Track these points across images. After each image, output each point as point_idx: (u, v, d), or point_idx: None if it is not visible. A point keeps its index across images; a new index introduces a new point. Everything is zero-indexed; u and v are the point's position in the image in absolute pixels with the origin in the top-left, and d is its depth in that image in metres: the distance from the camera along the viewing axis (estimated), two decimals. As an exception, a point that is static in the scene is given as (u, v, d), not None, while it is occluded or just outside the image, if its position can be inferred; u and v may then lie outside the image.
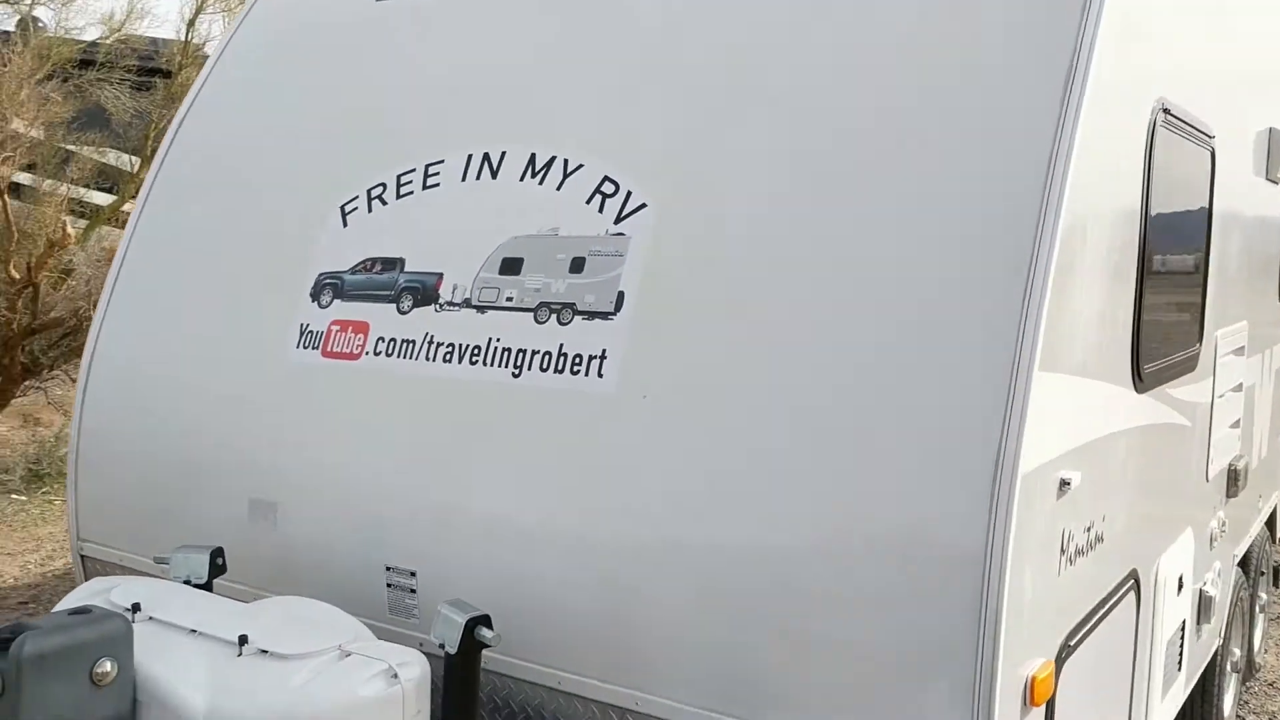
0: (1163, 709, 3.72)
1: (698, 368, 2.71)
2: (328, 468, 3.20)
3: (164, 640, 2.49)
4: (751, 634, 2.56)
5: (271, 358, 3.38)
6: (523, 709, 2.92)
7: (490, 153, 3.20)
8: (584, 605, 2.79)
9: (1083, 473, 2.63)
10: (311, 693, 2.32)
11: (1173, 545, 3.71)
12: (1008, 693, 2.34)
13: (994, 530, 2.28)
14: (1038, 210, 2.41)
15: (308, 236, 3.45)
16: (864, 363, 2.53)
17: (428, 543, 3.02)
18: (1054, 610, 2.59)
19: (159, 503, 3.56)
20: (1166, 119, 3.10)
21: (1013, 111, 2.55)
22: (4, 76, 8.99)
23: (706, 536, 2.62)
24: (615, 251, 2.89)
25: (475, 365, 3.01)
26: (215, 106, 3.94)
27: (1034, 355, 2.32)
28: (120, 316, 3.82)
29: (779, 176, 2.79)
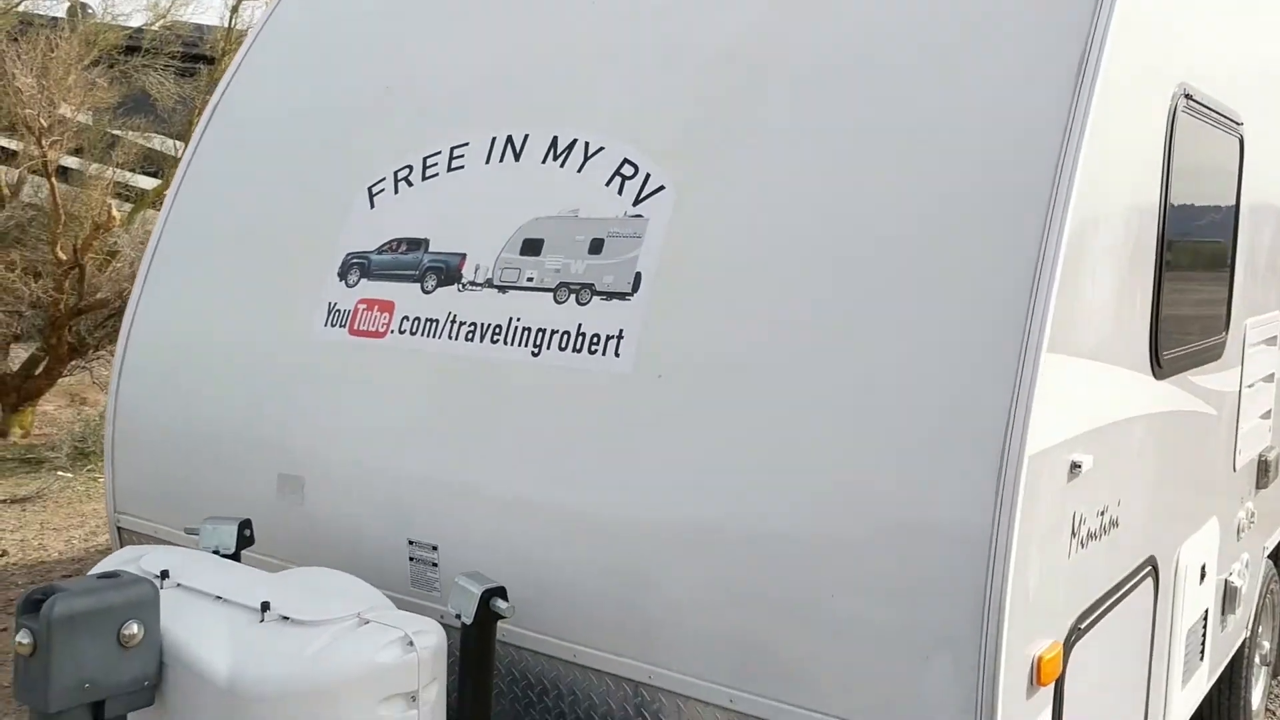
0: (1183, 697, 3.71)
1: (712, 349, 2.75)
2: (352, 443, 3.27)
3: (190, 605, 2.57)
4: (762, 612, 2.59)
5: (300, 336, 3.46)
6: (539, 681, 2.97)
7: (514, 135, 3.25)
8: (599, 581, 2.84)
9: (1095, 456, 2.64)
10: (329, 657, 2.38)
11: (1196, 534, 3.69)
12: (1013, 672, 2.36)
13: (1000, 511, 2.30)
14: (1048, 194, 2.42)
15: (336, 217, 3.52)
16: (876, 344, 2.55)
17: (449, 518, 3.08)
18: (1063, 592, 2.60)
19: (192, 476, 3.65)
20: (1189, 105, 3.09)
21: (1025, 95, 2.56)
22: (52, 62, 9.16)
23: (718, 515, 2.66)
24: (633, 233, 2.94)
25: (496, 344, 3.06)
26: (248, 91, 4.02)
27: (1042, 337, 2.34)
28: (155, 296, 3.91)
29: (794, 159, 2.81)
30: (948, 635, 2.35)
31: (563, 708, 2.95)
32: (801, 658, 2.55)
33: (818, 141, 2.80)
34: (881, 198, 2.65)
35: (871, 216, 2.65)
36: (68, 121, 9.28)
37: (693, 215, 2.89)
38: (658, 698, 2.77)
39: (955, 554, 2.34)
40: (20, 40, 9.47)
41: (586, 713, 2.91)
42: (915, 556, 2.40)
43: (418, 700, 2.44)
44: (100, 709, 2.32)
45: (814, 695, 2.52)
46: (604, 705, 2.87)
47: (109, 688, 2.32)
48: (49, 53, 9.13)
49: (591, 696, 2.89)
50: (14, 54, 9.17)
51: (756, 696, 2.60)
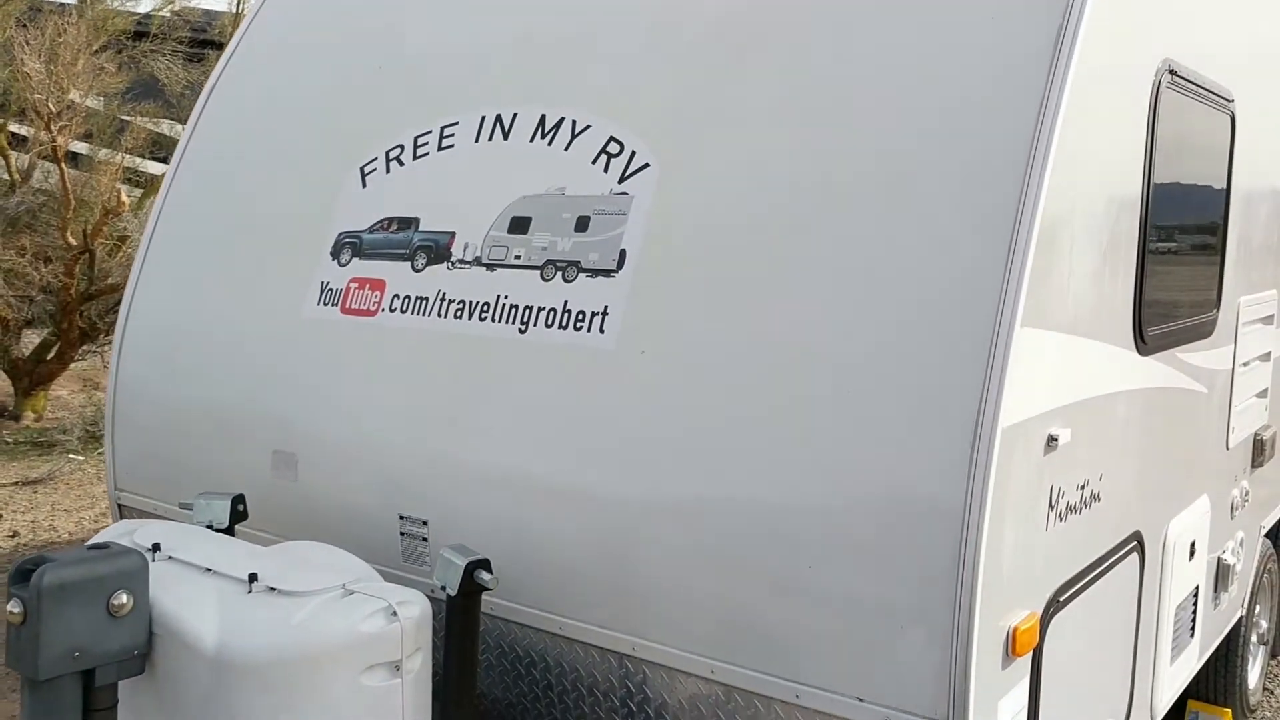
0: (1172, 673, 3.73)
1: (693, 325, 2.78)
2: (345, 420, 3.32)
3: (180, 577, 2.62)
4: (742, 583, 2.63)
5: (294, 314, 3.50)
6: (526, 653, 3.02)
7: (503, 114, 3.28)
8: (585, 554, 2.87)
9: (1073, 430, 2.66)
10: (314, 627, 2.43)
11: (1185, 511, 3.71)
12: (986, 642, 2.39)
13: (973, 482, 2.33)
14: (1023, 170, 2.44)
15: (329, 197, 3.56)
16: (853, 320, 2.57)
17: (438, 493, 3.13)
18: (1041, 564, 2.63)
19: (189, 454, 3.70)
20: (1173, 81, 3.09)
21: (1000, 70, 2.57)
22: (61, 47, 9.21)
23: (699, 489, 2.69)
24: (618, 210, 2.96)
25: (485, 321, 3.10)
26: (244, 74, 4.06)
27: (1016, 311, 2.36)
28: (153, 277, 3.96)
29: (776, 136, 2.83)
30: (922, 606, 2.38)
31: (550, 679, 3.00)
32: (780, 629, 2.58)
33: (799, 118, 2.82)
34: (859, 173, 2.68)
35: (849, 192, 2.67)
36: (77, 107, 9.34)
37: (677, 192, 2.92)
38: (641, 669, 2.81)
39: (929, 526, 2.37)
40: (29, 26, 9.53)
41: (573, 684, 2.96)
42: (890, 528, 2.43)
43: (401, 670, 2.48)
44: (91, 677, 2.37)
45: (792, 666, 2.56)
46: (590, 677, 2.91)
47: (99, 656, 2.36)
48: (57, 38, 9.18)
49: (578, 668, 2.93)
50: (23, 40, 9.23)
51: (736, 667, 2.64)
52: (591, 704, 2.93)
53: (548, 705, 3.03)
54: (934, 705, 2.37)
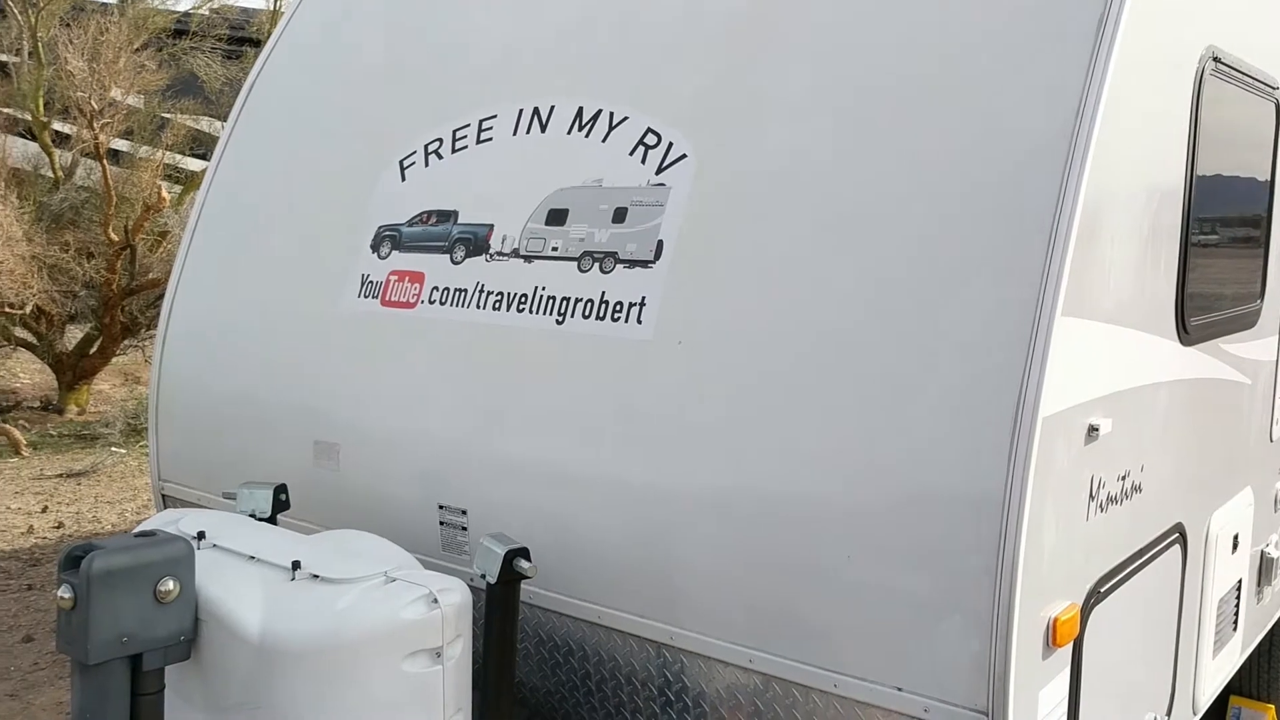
0: (1214, 667, 3.70)
1: (731, 315, 2.78)
2: (385, 410, 3.35)
3: (224, 565, 2.66)
4: (780, 574, 2.63)
5: (335, 307, 3.54)
6: (565, 642, 3.04)
7: (540, 107, 3.29)
8: (623, 544, 2.89)
9: (1114, 420, 2.64)
10: (356, 613, 2.46)
11: (1228, 503, 3.67)
12: (1027, 633, 2.38)
13: (1013, 472, 2.32)
14: (1064, 158, 2.42)
15: (369, 191, 3.59)
16: (894, 309, 2.57)
17: (477, 482, 3.15)
18: (1081, 555, 2.61)
19: (231, 444, 3.75)
20: (1217, 68, 3.06)
21: (1041, 55, 2.55)
22: (103, 46, 9.35)
23: (737, 479, 2.70)
24: (656, 201, 2.97)
25: (522, 313, 3.11)
26: (284, 69, 4.10)
27: (1057, 300, 2.34)
28: (196, 269, 4.01)
29: (812, 127, 2.83)
30: (961, 595, 2.37)
31: (588, 668, 3.01)
32: (819, 619, 2.58)
33: (836, 107, 2.81)
34: (898, 163, 2.66)
35: (888, 181, 2.66)
36: (118, 104, 9.47)
37: (714, 183, 2.92)
38: (679, 658, 2.82)
39: (968, 515, 2.36)
40: (72, 25, 9.66)
41: (611, 673, 2.97)
42: (930, 518, 2.42)
43: (442, 656, 2.51)
44: (138, 662, 2.41)
45: (831, 656, 2.56)
46: (628, 666, 2.93)
47: (146, 641, 2.40)
48: (100, 37, 9.31)
49: (616, 657, 2.95)
50: (66, 39, 9.37)
51: (775, 657, 2.64)
52: (629, 693, 2.95)
53: (585, 694, 3.05)
54: (973, 695, 2.36)
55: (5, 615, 5.78)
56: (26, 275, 8.65)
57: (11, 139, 10.23)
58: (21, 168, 10.22)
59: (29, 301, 8.94)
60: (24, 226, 8.99)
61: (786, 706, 2.66)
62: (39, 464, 8.86)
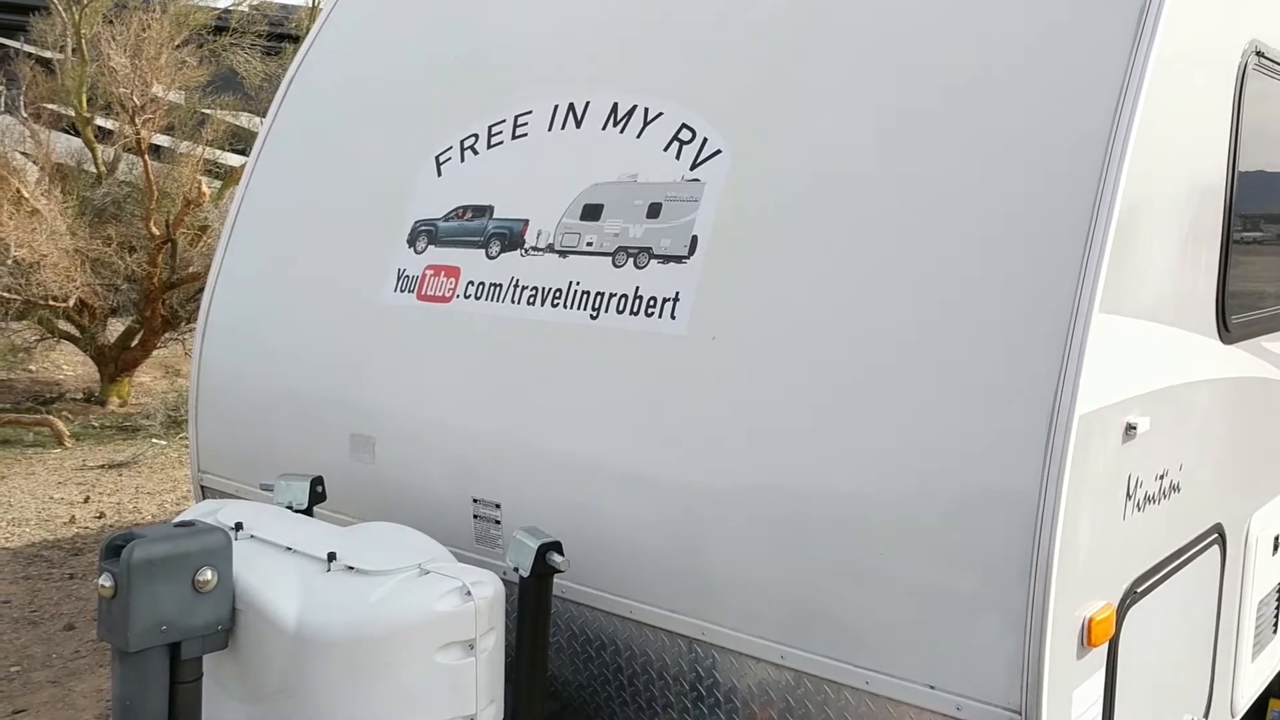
0: (1254, 670, 3.66)
1: (765, 311, 2.78)
2: (421, 404, 3.37)
3: (262, 555, 2.69)
4: (813, 569, 2.62)
5: (371, 301, 3.56)
6: (598, 636, 3.05)
7: (575, 102, 3.30)
8: (656, 539, 2.89)
9: (1152, 419, 2.61)
10: (390, 605, 2.48)
11: (1269, 504, 3.62)
12: (1061, 632, 2.36)
13: (1049, 469, 2.30)
14: (1103, 155, 2.39)
15: (406, 186, 3.61)
16: (928, 305, 2.55)
17: (511, 476, 3.17)
18: (1118, 554, 2.59)
19: (269, 437, 3.79)
20: (1260, 62, 3.01)
21: (1080, 51, 2.53)
22: (145, 42, 9.47)
23: (770, 475, 2.69)
24: (690, 197, 2.97)
25: (557, 308, 3.13)
26: (322, 66, 4.13)
27: (1094, 297, 2.32)
28: (235, 263, 4.06)
29: (849, 122, 2.82)
30: (995, 593, 2.35)
31: (620, 662, 3.02)
32: (851, 616, 2.57)
33: (873, 104, 2.80)
34: (936, 160, 2.65)
35: (925, 178, 2.65)
36: (159, 100, 9.59)
37: (749, 178, 2.92)
38: (711, 653, 2.82)
39: (1003, 512, 2.35)
40: (115, 22, 9.79)
41: (643, 667, 2.98)
42: (965, 515, 2.41)
43: (475, 648, 2.52)
44: (177, 650, 2.44)
45: (863, 653, 2.55)
46: (659, 660, 2.93)
47: (185, 630, 2.43)
48: (142, 33, 9.43)
49: (648, 652, 2.96)
50: (109, 35, 9.49)
51: (806, 653, 2.64)
52: (661, 688, 2.95)
53: (618, 688, 3.06)
54: (1007, 694, 2.35)
55: (48, 603, 5.88)
56: (70, 269, 8.78)
57: (55, 134, 10.39)
58: (65, 163, 10.37)
59: (72, 295, 9.07)
60: (67, 221, 9.12)
61: (818, 703, 2.65)
62: (81, 455, 8.98)
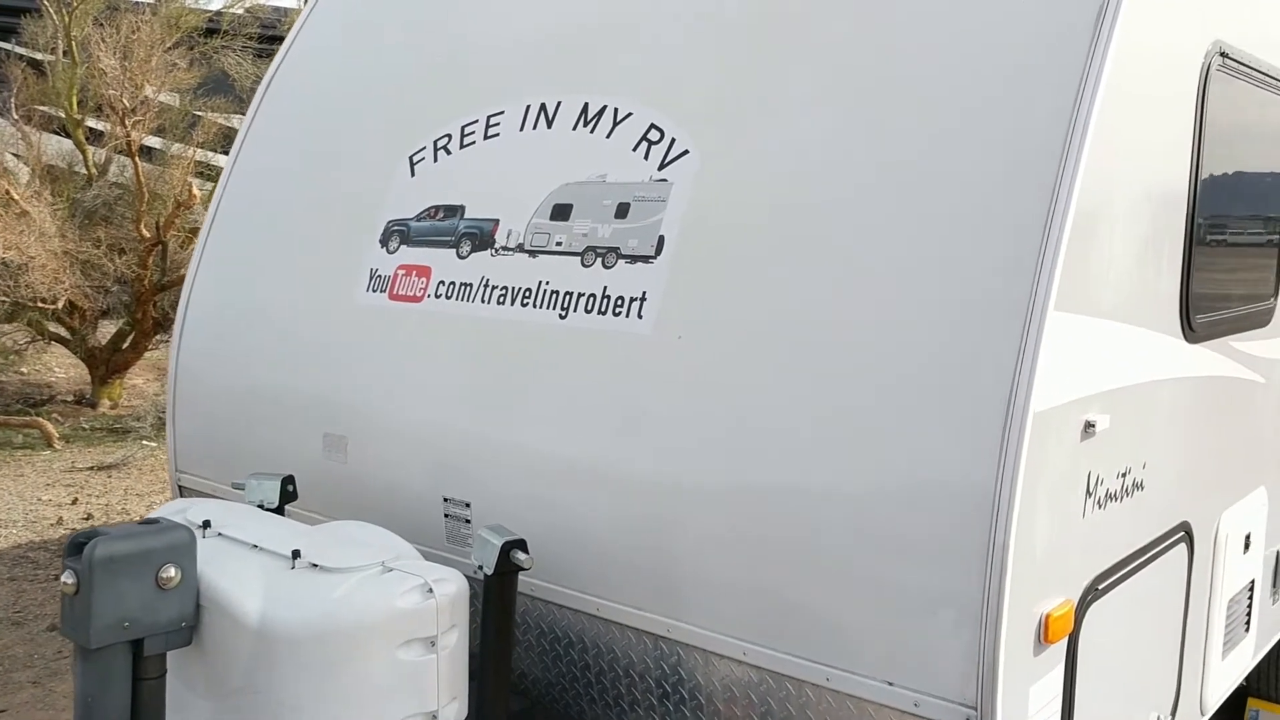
0: (1224, 668, 3.67)
1: (729, 310, 2.79)
2: (392, 404, 3.39)
3: (227, 552, 2.70)
4: (775, 567, 2.64)
5: (344, 301, 3.58)
6: (565, 634, 3.06)
7: (546, 103, 3.32)
8: (623, 537, 2.91)
9: (1113, 417, 2.63)
10: (352, 601, 2.49)
11: (1239, 502, 3.64)
12: (1017, 628, 2.37)
13: (1004, 467, 2.31)
14: (1059, 154, 2.41)
15: (380, 186, 3.63)
16: (887, 305, 2.57)
17: (481, 475, 3.18)
18: (1078, 551, 2.60)
19: (244, 436, 3.81)
20: (1224, 63, 3.03)
21: (1040, 48, 2.54)
22: (136, 44, 9.48)
23: (735, 475, 2.71)
24: (658, 197, 2.99)
25: (526, 307, 3.14)
26: (300, 67, 4.15)
27: (1049, 296, 2.34)
28: (212, 264, 4.07)
29: (813, 124, 2.83)
30: (952, 590, 2.37)
31: (587, 659, 3.04)
32: (812, 613, 2.59)
33: (836, 105, 2.82)
34: (897, 160, 2.66)
35: (886, 178, 2.66)
36: (150, 102, 9.60)
37: (716, 179, 2.93)
38: (676, 650, 2.84)
39: (959, 510, 2.36)
40: (105, 24, 9.81)
41: (610, 665, 2.99)
42: (921, 512, 2.42)
43: (436, 645, 2.54)
44: (140, 646, 2.45)
45: (824, 649, 2.57)
46: (626, 658, 2.95)
47: (148, 627, 2.44)
48: (132, 35, 9.45)
49: (615, 649, 2.97)
50: (99, 37, 9.51)
51: (768, 650, 2.65)
52: (628, 684, 2.97)
53: (585, 685, 3.07)
54: (963, 690, 2.36)
55: (32, 604, 5.89)
56: (58, 271, 8.79)
57: (46, 136, 10.40)
58: (55, 164, 10.39)
59: (61, 297, 9.08)
60: (57, 223, 9.14)
61: (780, 700, 2.67)
62: (71, 457, 9.00)
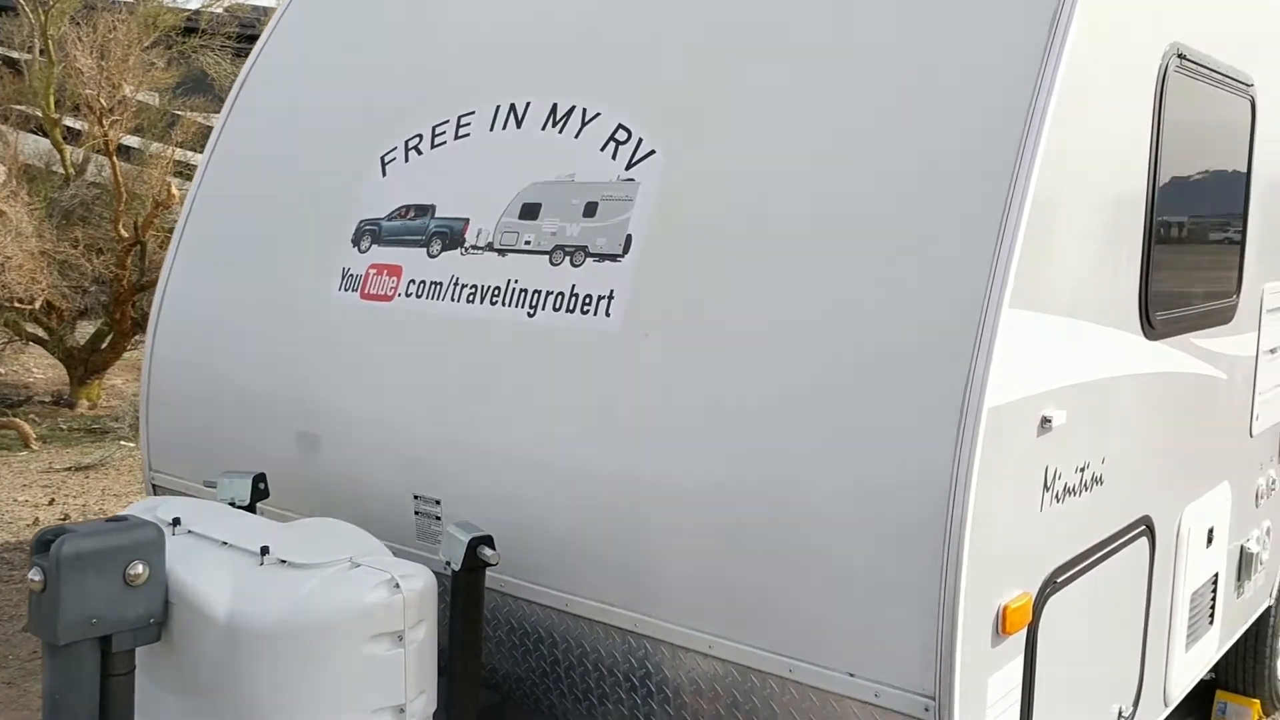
0: (1187, 660, 3.72)
1: (695, 309, 2.83)
2: (364, 402, 3.41)
3: (196, 550, 2.72)
4: (740, 561, 2.67)
5: (317, 300, 3.60)
6: (534, 629, 3.09)
7: (516, 103, 3.35)
8: (590, 533, 2.94)
9: (1070, 412, 2.67)
10: (320, 597, 2.51)
11: (1202, 497, 3.69)
12: (974, 620, 2.41)
13: (959, 462, 2.35)
14: (1015, 152, 2.45)
15: (352, 186, 3.65)
16: (849, 302, 2.61)
17: (451, 472, 3.21)
18: (1035, 545, 2.65)
19: (218, 435, 3.82)
20: (1182, 64, 3.08)
21: (996, 49, 2.59)
22: (113, 44, 9.46)
23: (701, 471, 2.74)
24: (625, 196, 3.02)
25: (495, 305, 3.17)
26: (275, 65, 4.17)
27: (1004, 292, 2.38)
28: (187, 263, 4.09)
29: (777, 126, 2.87)
30: (910, 583, 2.41)
31: (557, 655, 3.07)
32: (776, 606, 2.62)
33: (798, 107, 2.86)
34: (856, 161, 2.71)
35: (847, 178, 2.71)
36: (128, 102, 9.58)
37: (682, 179, 2.97)
38: (644, 644, 2.87)
39: (917, 504, 2.40)
40: (82, 23, 9.78)
41: (579, 659, 3.03)
42: (881, 506, 2.46)
43: (404, 640, 2.56)
44: (108, 643, 2.47)
45: (787, 641, 2.60)
46: (595, 652, 2.98)
47: (115, 623, 2.46)
48: (109, 34, 9.42)
49: (584, 644, 3.00)
50: (76, 36, 9.48)
51: (733, 643, 2.69)
52: (597, 679, 3.00)
53: (555, 680, 3.10)
54: (921, 680, 2.40)
55: (7, 605, 5.88)
56: (36, 270, 8.76)
57: (23, 135, 10.36)
58: (33, 164, 10.35)
59: (38, 297, 9.05)
60: (34, 222, 9.11)
61: (745, 692, 2.71)
62: (48, 457, 8.96)
